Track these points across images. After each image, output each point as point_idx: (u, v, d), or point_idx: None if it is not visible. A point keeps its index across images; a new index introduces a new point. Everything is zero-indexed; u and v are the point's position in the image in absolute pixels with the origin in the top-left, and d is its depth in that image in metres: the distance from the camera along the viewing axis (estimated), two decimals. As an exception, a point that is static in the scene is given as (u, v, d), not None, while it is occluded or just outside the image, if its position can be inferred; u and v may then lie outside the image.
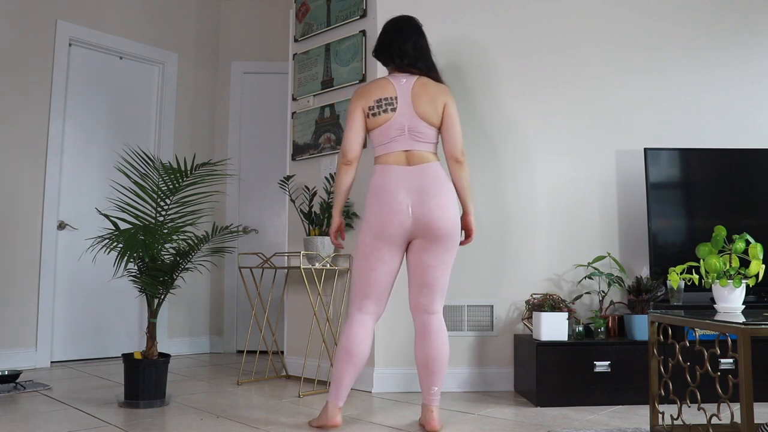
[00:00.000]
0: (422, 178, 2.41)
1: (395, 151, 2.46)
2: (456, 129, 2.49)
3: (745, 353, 1.70)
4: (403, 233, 2.41)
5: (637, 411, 2.76)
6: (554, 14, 3.52)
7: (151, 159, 2.97)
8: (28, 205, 3.99)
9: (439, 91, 2.51)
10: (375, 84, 2.54)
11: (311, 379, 3.51)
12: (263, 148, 4.99)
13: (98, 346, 4.32)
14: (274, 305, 4.41)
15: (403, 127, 2.45)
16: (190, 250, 3.00)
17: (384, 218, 2.40)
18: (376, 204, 2.43)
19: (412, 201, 2.39)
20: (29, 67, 4.03)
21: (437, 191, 2.40)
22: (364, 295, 2.46)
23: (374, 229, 2.42)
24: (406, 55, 2.54)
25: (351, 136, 2.50)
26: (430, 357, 2.43)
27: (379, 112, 2.47)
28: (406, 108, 2.46)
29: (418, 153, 2.46)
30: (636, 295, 3.14)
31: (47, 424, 2.48)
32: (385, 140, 2.48)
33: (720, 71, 3.59)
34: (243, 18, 5.11)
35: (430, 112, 2.46)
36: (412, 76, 2.52)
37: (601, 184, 3.46)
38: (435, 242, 2.41)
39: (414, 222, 2.39)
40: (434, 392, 2.45)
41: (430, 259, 2.44)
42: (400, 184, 2.41)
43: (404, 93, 2.48)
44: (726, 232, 2.18)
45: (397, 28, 2.61)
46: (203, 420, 2.59)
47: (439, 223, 2.38)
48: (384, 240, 2.41)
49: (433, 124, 2.47)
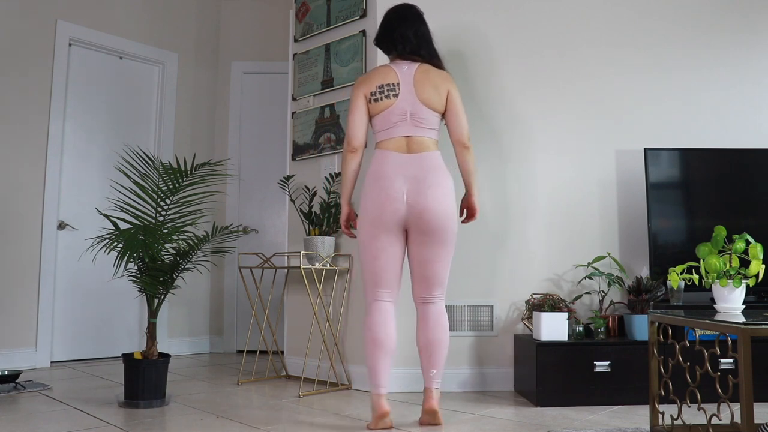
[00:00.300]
0: (420, 166, 2.41)
1: (396, 136, 2.46)
2: (461, 115, 2.51)
3: (745, 353, 1.70)
4: (398, 220, 2.40)
5: (637, 411, 2.76)
6: (554, 14, 3.52)
7: (151, 159, 2.97)
8: (28, 205, 3.99)
9: (442, 77, 2.52)
10: (377, 71, 2.54)
11: (311, 379, 3.51)
12: (263, 148, 4.99)
13: (98, 346, 4.32)
14: (274, 305, 4.41)
15: (405, 113, 2.45)
16: (190, 250, 3.00)
17: (380, 204, 2.39)
18: (372, 190, 2.43)
19: (407, 188, 2.38)
20: (29, 67, 4.03)
21: (434, 182, 2.40)
22: (375, 284, 2.46)
23: (370, 215, 2.42)
24: (408, 41, 2.54)
25: (354, 124, 2.50)
26: (429, 340, 2.47)
27: (381, 98, 2.47)
28: (408, 94, 2.46)
29: (419, 140, 2.46)
30: (636, 295, 3.14)
31: (47, 424, 2.48)
32: (387, 126, 2.47)
33: (720, 71, 3.59)
34: (243, 18, 5.11)
35: (433, 97, 2.47)
36: (413, 63, 2.53)
37: (601, 184, 3.46)
38: (430, 236, 2.42)
39: (408, 210, 2.39)
40: (433, 374, 2.49)
41: (426, 253, 2.45)
42: (398, 171, 2.40)
43: (406, 79, 2.48)
44: (726, 232, 2.18)
45: (400, 15, 2.61)
46: (203, 420, 2.59)
47: (431, 214, 2.38)
48: (380, 227, 2.41)
49: (436, 109, 2.48)
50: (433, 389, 2.48)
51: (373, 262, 2.45)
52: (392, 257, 2.45)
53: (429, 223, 2.39)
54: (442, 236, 2.43)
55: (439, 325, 2.48)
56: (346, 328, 3.47)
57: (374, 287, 2.47)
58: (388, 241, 2.43)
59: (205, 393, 3.20)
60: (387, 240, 2.42)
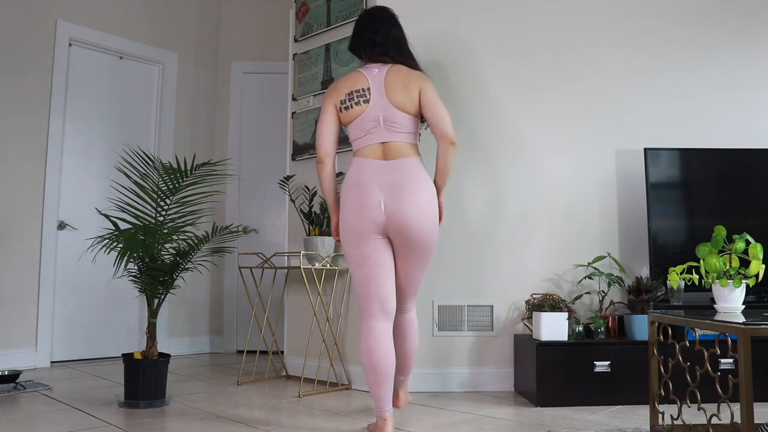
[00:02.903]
0: (399, 173, 2.31)
1: (371, 143, 2.37)
2: (438, 108, 2.36)
3: (745, 353, 1.70)
4: (376, 228, 2.31)
5: (637, 411, 2.76)
6: (554, 15, 3.52)
7: (151, 159, 2.97)
8: (28, 205, 3.99)
9: (413, 77, 2.41)
10: (345, 78, 2.47)
11: (311, 379, 3.51)
12: (263, 148, 4.99)
13: (98, 346, 4.32)
14: (274, 305, 4.41)
15: (378, 119, 2.36)
16: (190, 250, 3.00)
17: (356, 212, 2.32)
18: (348, 198, 2.36)
19: (385, 197, 2.29)
20: (29, 67, 4.03)
21: (413, 190, 2.30)
22: (365, 298, 2.37)
23: (347, 225, 2.36)
24: (377, 44, 2.46)
25: (320, 134, 2.43)
26: (404, 352, 2.51)
27: (351, 105, 2.39)
28: (379, 98, 2.37)
29: (396, 145, 2.36)
30: (636, 295, 3.14)
31: (47, 424, 2.47)
32: (361, 134, 2.39)
33: (720, 71, 3.59)
34: (243, 18, 5.11)
35: (404, 100, 2.36)
36: (384, 65, 2.44)
37: (601, 184, 3.47)
38: (410, 249, 2.34)
39: (387, 219, 2.29)
40: (401, 381, 2.58)
41: (405, 267, 2.40)
42: (374, 179, 2.31)
43: (377, 83, 2.39)
44: (726, 232, 2.18)
45: (369, 18, 2.54)
46: (203, 420, 2.59)
47: (412, 227, 2.29)
48: (358, 236, 2.33)
49: (409, 112, 2.37)
50: (401, 392, 2.61)
51: (358, 271, 2.36)
52: (377, 265, 2.34)
53: (409, 236, 2.31)
54: (421, 249, 2.35)
55: (411, 335, 2.52)
56: (346, 328, 3.47)
57: (364, 300, 2.36)
58: (369, 248, 2.33)
59: (205, 393, 3.20)
60: (368, 248, 2.33)
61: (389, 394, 2.33)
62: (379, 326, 2.34)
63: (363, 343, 2.33)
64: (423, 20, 3.43)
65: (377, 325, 2.34)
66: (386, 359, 2.30)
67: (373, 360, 2.29)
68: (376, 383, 2.31)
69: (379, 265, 2.35)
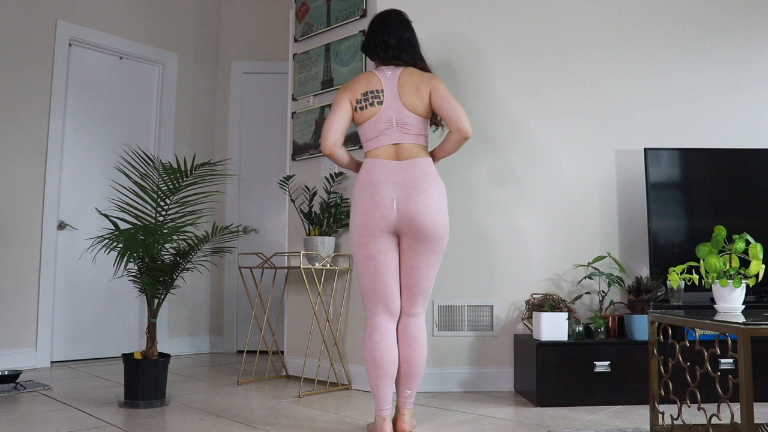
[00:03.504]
0: (410, 173, 2.35)
1: (384, 144, 2.40)
2: (452, 102, 2.38)
3: (745, 353, 1.70)
4: (387, 227, 2.33)
5: (637, 411, 2.76)
6: (554, 15, 3.52)
7: (151, 159, 2.97)
8: (28, 205, 3.99)
9: (424, 78, 2.44)
10: (360, 78, 2.49)
11: (311, 379, 3.51)
12: (263, 148, 4.99)
13: (98, 346, 4.32)
14: (274, 305, 4.41)
15: (391, 120, 2.39)
16: (190, 250, 3.00)
17: (367, 211, 2.33)
18: (360, 198, 2.37)
19: (397, 196, 2.32)
20: (29, 67, 4.03)
21: (424, 188, 2.33)
22: (370, 298, 2.38)
23: (358, 224, 2.36)
24: (390, 48, 2.50)
25: (331, 124, 2.40)
26: (409, 360, 2.37)
27: (366, 106, 2.42)
28: (392, 100, 2.41)
29: (408, 147, 2.39)
30: (636, 295, 3.14)
31: (47, 424, 2.48)
32: (374, 134, 2.42)
33: (720, 72, 3.59)
34: (243, 18, 5.11)
35: (416, 102, 2.40)
36: (397, 68, 2.47)
37: (601, 184, 3.47)
38: (420, 242, 2.35)
39: (399, 217, 2.32)
40: (407, 395, 2.39)
41: (414, 260, 2.38)
42: (387, 178, 2.34)
43: (390, 85, 2.43)
44: (726, 232, 2.18)
45: (383, 21, 2.57)
46: (203, 420, 2.59)
47: (424, 221, 2.31)
48: (368, 235, 2.34)
49: (420, 114, 2.41)
50: (406, 411, 2.39)
51: (365, 271, 2.37)
52: (384, 265, 2.35)
53: (421, 230, 2.32)
54: (432, 244, 2.35)
55: (418, 343, 2.39)
56: (346, 328, 3.47)
57: (369, 300, 2.38)
58: (377, 248, 2.34)
59: (205, 393, 3.20)
60: (376, 247, 2.34)
61: (390, 393, 2.33)
62: (385, 324, 2.37)
63: (367, 339, 2.36)
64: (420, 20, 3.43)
65: (382, 323, 2.37)
66: (390, 355, 2.33)
67: (377, 355, 2.31)
68: (377, 379, 2.32)
69: (385, 266, 2.37)
